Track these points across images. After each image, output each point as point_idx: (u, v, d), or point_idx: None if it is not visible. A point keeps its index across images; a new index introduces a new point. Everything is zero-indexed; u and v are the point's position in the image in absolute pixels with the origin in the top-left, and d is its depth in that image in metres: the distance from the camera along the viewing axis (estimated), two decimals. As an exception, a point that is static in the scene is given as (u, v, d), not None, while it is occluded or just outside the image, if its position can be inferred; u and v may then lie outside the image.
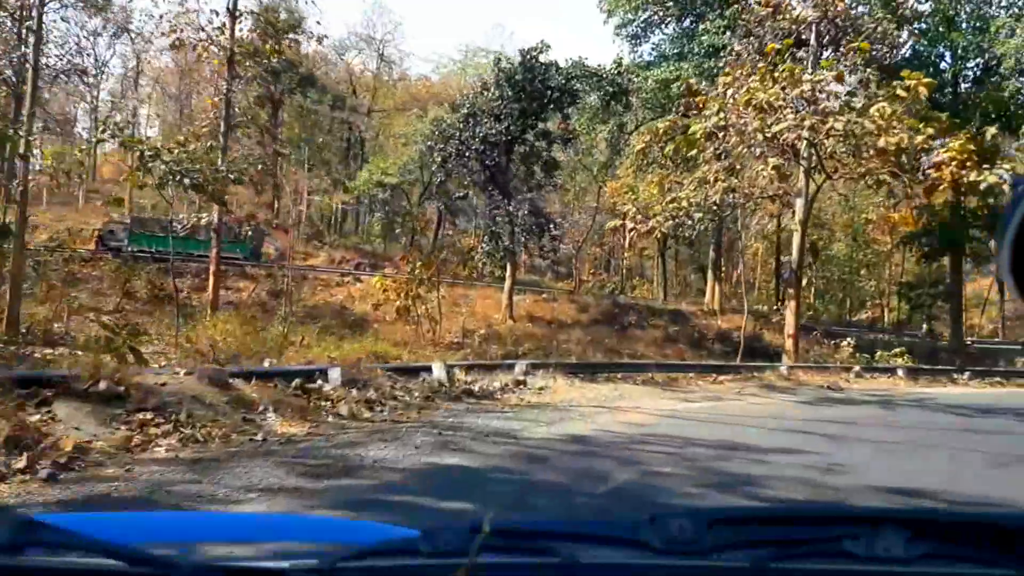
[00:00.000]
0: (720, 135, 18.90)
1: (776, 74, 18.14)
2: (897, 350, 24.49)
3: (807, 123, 17.33)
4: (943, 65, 30.39)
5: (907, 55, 27.07)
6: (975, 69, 30.77)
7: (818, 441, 8.80)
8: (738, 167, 19.47)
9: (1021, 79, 28.17)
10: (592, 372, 15.90)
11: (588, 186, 38.91)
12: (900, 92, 17.93)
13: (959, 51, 29.60)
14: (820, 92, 17.81)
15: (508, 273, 25.27)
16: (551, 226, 24.97)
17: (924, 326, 37.88)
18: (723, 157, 19.17)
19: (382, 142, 46.89)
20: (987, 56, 28.99)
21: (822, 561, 0.97)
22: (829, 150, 19.23)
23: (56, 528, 1.00)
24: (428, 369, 12.43)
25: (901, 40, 24.39)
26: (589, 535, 1.03)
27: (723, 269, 37.57)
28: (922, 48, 29.20)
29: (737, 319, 25.34)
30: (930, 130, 17.52)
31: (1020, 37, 26.64)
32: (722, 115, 18.47)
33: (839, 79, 18.43)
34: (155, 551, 1.02)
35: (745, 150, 18.61)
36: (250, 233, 25.94)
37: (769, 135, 17.51)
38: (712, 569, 0.97)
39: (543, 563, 0.99)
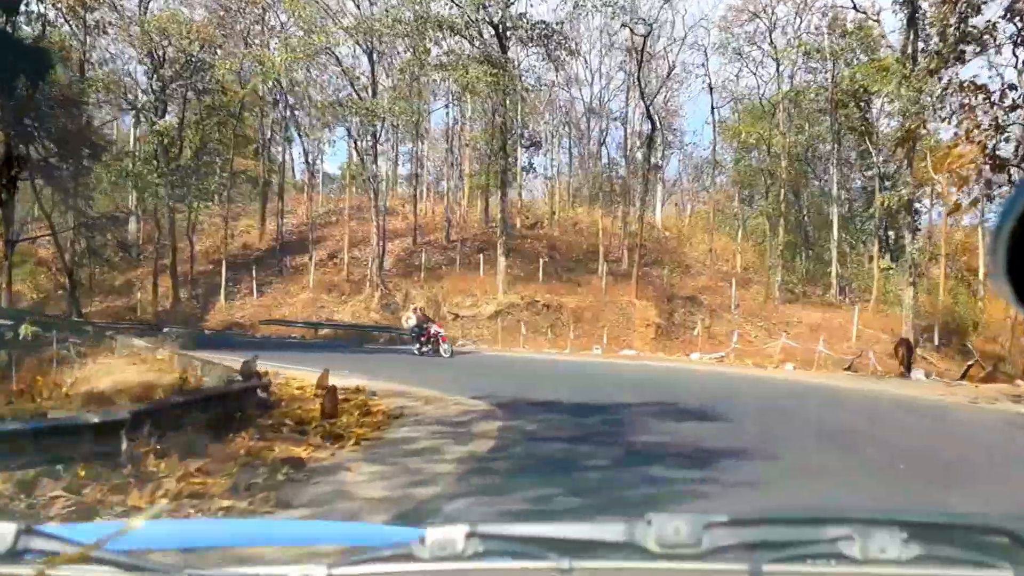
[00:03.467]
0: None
1: None
2: None
3: None
4: None
5: None
6: None
7: None
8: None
9: None
10: None
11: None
12: None
13: None
14: None
15: None
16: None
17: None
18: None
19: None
20: None
21: (818, 563, 0.96)
22: None
23: (52, 536, 0.97)
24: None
25: None
26: (584, 538, 1.00)
27: None
28: None
29: None
30: None
31: None
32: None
33: None
34: (152, 559, 1.00)
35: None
36: None
37: None
38: (708, 572, 0.96)
39: (537, 567, 0.97)
